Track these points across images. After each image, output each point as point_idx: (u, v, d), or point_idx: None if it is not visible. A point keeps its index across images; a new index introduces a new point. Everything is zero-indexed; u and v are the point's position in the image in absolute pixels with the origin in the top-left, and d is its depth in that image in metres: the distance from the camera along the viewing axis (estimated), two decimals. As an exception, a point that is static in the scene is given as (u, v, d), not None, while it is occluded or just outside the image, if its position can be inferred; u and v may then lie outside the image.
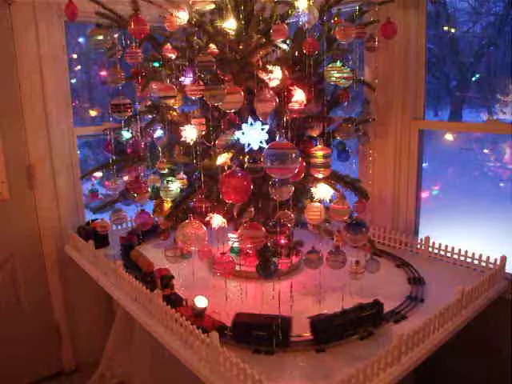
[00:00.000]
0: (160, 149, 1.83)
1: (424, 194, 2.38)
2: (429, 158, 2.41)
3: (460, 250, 1.93)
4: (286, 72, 1.60)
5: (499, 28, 6.68)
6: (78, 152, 2.52)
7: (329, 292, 1.72)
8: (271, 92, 1.50)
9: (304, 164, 1.53)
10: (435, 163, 5.18)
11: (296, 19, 1.54)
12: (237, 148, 1.59)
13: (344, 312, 1.43)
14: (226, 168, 1.55)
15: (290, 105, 1.57)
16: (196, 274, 1.85)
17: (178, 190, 1.75)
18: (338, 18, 1.71)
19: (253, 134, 1.59)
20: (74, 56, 3.79)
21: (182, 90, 1.63)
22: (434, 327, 1.43)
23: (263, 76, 1.53)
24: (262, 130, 1.59)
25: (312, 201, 1.64)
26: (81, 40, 4.04)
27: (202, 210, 1.64)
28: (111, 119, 1.79)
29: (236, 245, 1.93)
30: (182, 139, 1.60)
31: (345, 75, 1.58)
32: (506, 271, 1.80)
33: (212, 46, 1.57)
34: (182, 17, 1.57)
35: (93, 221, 2.28)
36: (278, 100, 1.51)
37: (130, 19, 1.61)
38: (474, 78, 7.04)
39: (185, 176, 1.76)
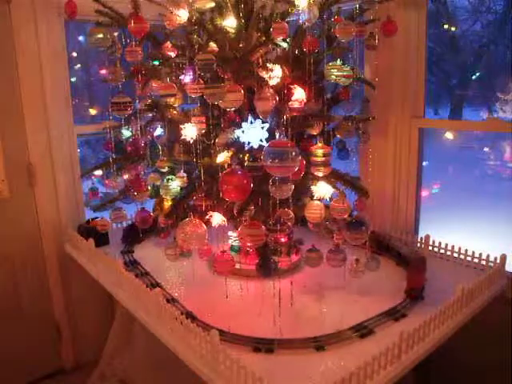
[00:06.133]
0: (160, 147, 1.83)
1: (424, 193, 2.39)
2: (429, 156, 2.41)
3: (460, 248, 1.93)
4: (286, 70, 1.60)
5: (499, 26, 6.67)
6: (78, 150, 2.52)
7: (329, 290, 1.72)
8: (271, 90, 1.50)
9: (304, 162, 1.53)
10: (435, 162, 5.18)
11: (296, 17, 1.54)
12: (237, 146, 1.59)
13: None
14: (226, 166, 1.55)
15: (289, 103, 1.56)
16: (196, 273, 1.86)
17: (178, 188, 1.75)
18: (338, 16, 1.71)
19: (253, 133, 1.59)
20: (74, 54, 3.78)
21: (182, 89, 1.62)
22: (434, 325, 1.43)
23: (263, 74, 1.52)
24: (262, 128, 1.59)
25: (312, 199, 1.64)
26: (81, 38, 4.04)
27: (202, 209, 1.64)
28: (111, 117, 1.79)
29: (236, 243, 1.93)
30: (182, 137, 1.60)
31: (345, 73, 1.58)
32: (506, 270, 1.80)
33: (212, 45, 1.57)
34: (181, 15, 1.57)
35: (93, 219, 2.28)
36: (277, 98, 1.51)
37: (130, 17, 1.60)
38: (474, 77, 7.04)
39: (185, 174, 1.76)
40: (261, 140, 1.59)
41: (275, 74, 1.53)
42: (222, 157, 1.57)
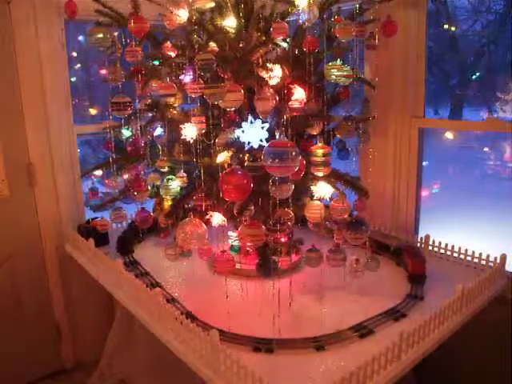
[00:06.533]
0: (160, 147, 1.83)
1: (424, 193, 2.38)
2: (429, 156, 2.41)
3: (460, 248, 1.93)
4: (286, 70, 1.59)
5: (499, 26, 6.67)
6: (78, 150, 2.52)
7: (329, 290, 1.72)
8: (271, 90, 1.50)
9: (304, 162, 1.53)
10: (435, 162, 5.18)
11: (296, 17, 1.54)
12: (237, 146, 1.59)
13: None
14: (226, 166, 1.55)
15: (290, 103, 1.56)
16: (196, 273, 1.86)
17: (178, 188, 1.75)
18: (338, 16, 1.71)
19: (253, 132, 1.59)
20: (74, 54, 3.78)
21: (182, 89, 1.62)
22: (434, 325, 1.43)
23: (263, 74, 1.52)
24: (262, 128, 1.59)
25: (312, 199, 1.64)
26: (80, 38, 4.04)
27: (202, 209, 1.64)
28: (111, 117, 1.79)
29: (236, 243, 1.93)
30: (182, 137, 1.60)
31: (345, 73, 1.58)
32: (506, 270, 1.80)
33: (212, 44, 1.57)
34: (181, 15, 1.57)
35: (93, 219, 2.28)
36: (277, 98, 1.51)
37: (130, 17, 1.60)
38: (474, 77, 7.04)
39: (185, 174, 1.76)
40: (261, 140, 1.59)
41: (275, 73, 1.53)
42: (222, 157, 1.57)
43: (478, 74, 6.93)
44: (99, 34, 1.67)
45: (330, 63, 1.59)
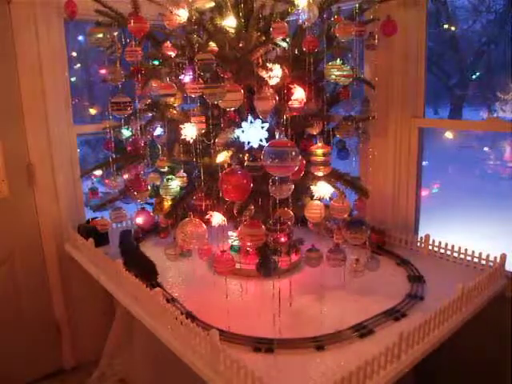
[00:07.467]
0: (160, 147, 1.83)
1: (424, 192, 2.38)
2: (429, 156, 2.41)
3: (460, 247, 1.93)
4: (286, 70, 1.60)
5: (499, 26, 6.68)
6: (78, 150, 2.52)
7: (329, 290, 1.72)
8: (271, 90, 1.50)
9: (304, 162, 1.53)
10: (435, 161, 5.19)
11: (296, 17, 1.54)
12: (237, 146, 1.59)
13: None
14: (225, 166, 1.55)
15: (289, 103, 1.56)
16: (196, 273, 1.86)
17: (178, 188, 1.75)
18: (337, 15, 1.71)
19: (253, 132, 1.59)
20: (74, 54, 3.78)
21: (182, 88, 1.62)
22: (434, 325, 1.43)
23: (263, 74, 1.52)
24: (262, 128, 1.59)
25: (312, 199, 1.64)
26: (80, 38, 4.04)
27: (202, 208, 1.64)
28: (111, 117, 1.79)
29: (236, 243, 1.93)
30: (182, 137, 1.60)
31: (345, 73, 1.58)
32: (506, 269, 1.80)
33: (212, 44, 1.57)
34: (181, 15, 1.57)
35: (93, 219, 2.28)
36: (277, 98, 1.51)
37: (130, 17, 1.60)
38: (473, 76, 7.05)
39: (185, 174, 1.76)
40: (261, 140, 1.59)
41: (275, 73, 1.53)
42: (222, 157, 1.57)
43: (477, 73, 6.94)
44: (99, 34, 1.67)
45: (330, 63, 1.59)
